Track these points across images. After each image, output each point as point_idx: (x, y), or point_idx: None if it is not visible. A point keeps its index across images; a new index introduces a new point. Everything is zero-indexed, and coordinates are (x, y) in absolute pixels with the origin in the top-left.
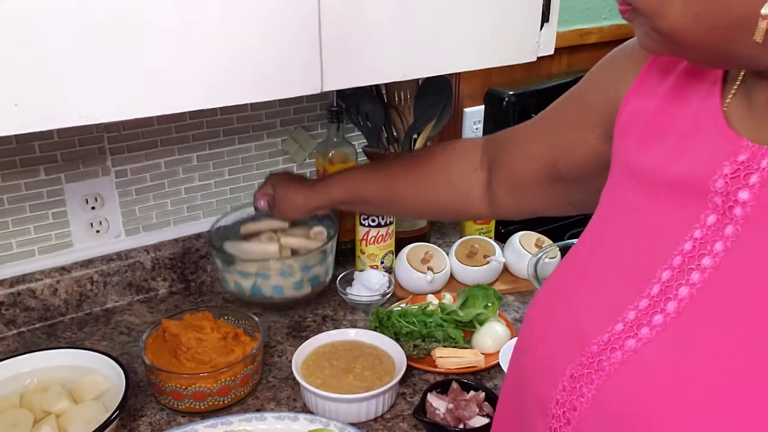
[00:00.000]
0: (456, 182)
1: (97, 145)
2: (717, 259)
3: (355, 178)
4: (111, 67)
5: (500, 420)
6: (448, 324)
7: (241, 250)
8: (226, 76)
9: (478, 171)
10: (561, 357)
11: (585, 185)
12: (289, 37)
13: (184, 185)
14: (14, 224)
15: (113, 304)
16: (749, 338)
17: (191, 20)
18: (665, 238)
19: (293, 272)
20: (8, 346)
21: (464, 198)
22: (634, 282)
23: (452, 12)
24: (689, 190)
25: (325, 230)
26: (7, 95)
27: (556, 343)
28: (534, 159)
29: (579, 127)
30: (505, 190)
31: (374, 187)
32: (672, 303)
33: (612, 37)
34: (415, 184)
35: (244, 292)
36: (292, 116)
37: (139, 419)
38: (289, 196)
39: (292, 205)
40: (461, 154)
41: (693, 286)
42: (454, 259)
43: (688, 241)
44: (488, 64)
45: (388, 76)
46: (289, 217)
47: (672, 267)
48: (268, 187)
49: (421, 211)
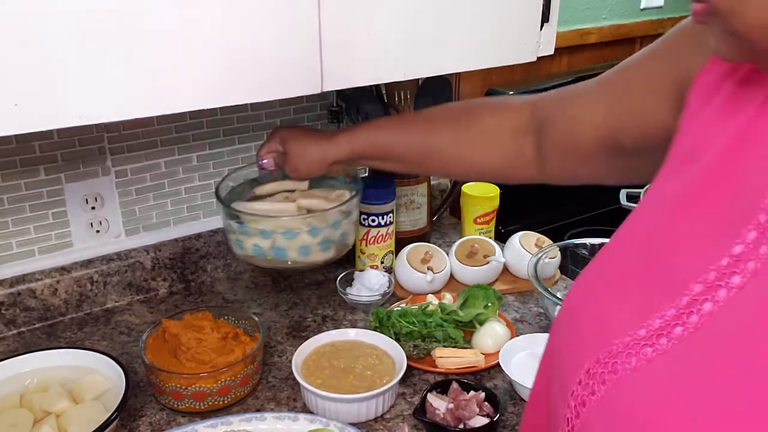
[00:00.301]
0: (505, 144)
1: (97, 145)
2: (745, 279)
3: (386, 130)
4: (111, 67)
5: (535, 391)
6: (448, 324)
7: (254, 210)
8: (226, 76)
9: (529, 134)
10: (585, 349)
11: (647, 158)
12: (290, 37)
13: (184, 185)
14: (14, 224)
15: (113, 304)
16: (759, 365)
17: (191, 20)
18: (707, 249)
19: (322, 229)
20: (8, 346)
21: (513, 161)
22: (667, 289)
23: (452, 12)
24: (738, 201)
25: (347, 192)
26: (7, 95)
27: (585, 333)
28: (594, 127)
29: (650, 96)
30: (558, 155)
31: (408, 142)
32: (694, 317)
33: (612, 37)
34: (459, 144)
35: (265, 255)
36: (292, 116)
37: (139, 419)
38: (304, 149)
39: (308, 160)
40: (511, 114)
41: (716, 303)
42: (454, 259)
43: (726, 257)
44: (488, 64)
45: (388, 76)
46: (302, 173)
47: (705, 281)
48: (274, 143)
49: (465, 172)
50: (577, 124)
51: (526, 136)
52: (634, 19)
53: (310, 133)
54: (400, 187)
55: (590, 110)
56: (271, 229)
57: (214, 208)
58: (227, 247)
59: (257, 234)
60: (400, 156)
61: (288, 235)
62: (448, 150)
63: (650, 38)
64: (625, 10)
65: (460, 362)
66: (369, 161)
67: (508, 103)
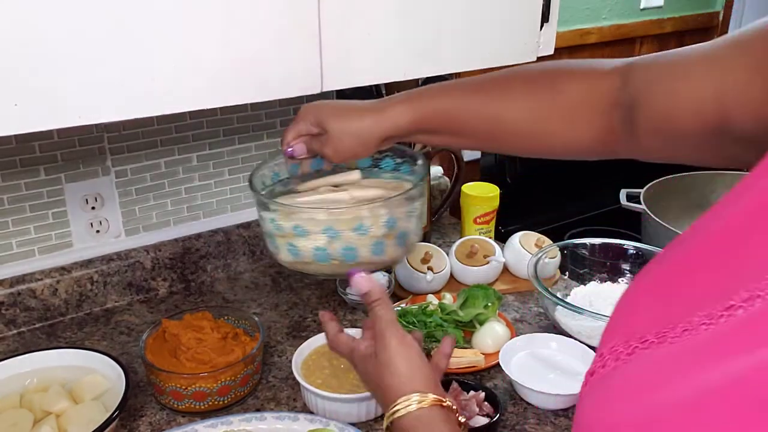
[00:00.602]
0: (594, 118)
1: (97, 145)
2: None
3: (455, 95)
4: (111, 67)
5: None
6: (448, 324)
7: (309, 203)
8: (226, 76)
9: (620, 106)
10: (619, 327)
11: (758, 147)
12: (289, 38)
13: (184, 185)
14: (14, 224)
15: (113, 304)
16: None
17: (191, 20)
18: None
19: (373, 224)
20: (8, 346)
21: (603, 137)
22: (722, 289)
23: (452, 12)
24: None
25: (407, 176)
26: (7, 95)
27: (626, 312)
28: (698, 104)
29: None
30: (653, 132)
31: (477, 112)
32: (723, 319)
33: (612, 37)
34: (541, 117)
35: (329, 258)
36: (292, 116)
37: (139, 419)
38: (347, 125)
39: (355, 137)
40: (600, 82)
41: (749, 310)
42: (454, 259)
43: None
44: (488, 64)
45: (388, 76)
46: (348, 155)
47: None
48: (304, 123)
49: (546, 149)
50: (678, 99)
51: (617, 108)
52: (634, 19)
53: (351, 105)
54: None
55: (696, 85)
56: (340, 225)
57: (214, 208)
58: (227, 247)
59: (320, 233)
60: (466, 131)
61: (361, 231)
62: (526, 127)
63: (650, 38)
64: (625, 10)
65: (460, 362)
66: (431, 136)
67: (596, 70)
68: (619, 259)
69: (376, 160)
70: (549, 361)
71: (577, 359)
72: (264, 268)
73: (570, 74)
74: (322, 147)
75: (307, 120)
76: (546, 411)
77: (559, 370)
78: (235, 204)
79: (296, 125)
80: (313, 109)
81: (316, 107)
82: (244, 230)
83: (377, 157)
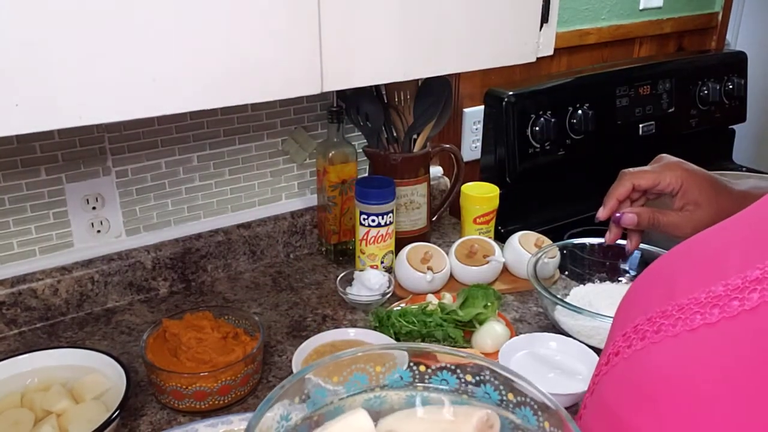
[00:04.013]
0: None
1: (97, 145)
2: None
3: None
4: (112, 67)
5: None
6: (448, 324)
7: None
8: (226, 77)
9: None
10: (644, 306)
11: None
12: (289, 38)
13: (184, 185)
14: (15, 224)
15: (114, 303)
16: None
17: (191, 20)
18: None
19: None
20: (9, 346)
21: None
22: (743, 263)
23: (452, 12)
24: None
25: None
26: (8, 95)
27: (651, 292)
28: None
29: None
30: None
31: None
32: (755, 294)
33: (611, 37)
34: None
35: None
36: (292, 116)
37: (140, 418)
38: (716, 203)
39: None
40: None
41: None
42: (454, 258)
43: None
44: (488, 65)
45: (388, 76)
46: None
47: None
48: (620, 188)
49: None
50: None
51: None
52: (634, 19)
53: (713, 178)
54: (400, 187)
55: None
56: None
57: (214, 208)
58: (227, 247)
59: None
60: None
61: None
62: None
63: (649, 38)
64: (625, 11)
65: None
66: None
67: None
68: (618, 259)
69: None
70: (548, 361)
71: (577, 359)
72: (264, 268)
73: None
74: (657, 224)
75: (650, 178)
76: None
77: (559, 370)
78: (235, 204)
79: (623, 184)
80: (673, 168)
81: (675, 167)
82: (245, 230)
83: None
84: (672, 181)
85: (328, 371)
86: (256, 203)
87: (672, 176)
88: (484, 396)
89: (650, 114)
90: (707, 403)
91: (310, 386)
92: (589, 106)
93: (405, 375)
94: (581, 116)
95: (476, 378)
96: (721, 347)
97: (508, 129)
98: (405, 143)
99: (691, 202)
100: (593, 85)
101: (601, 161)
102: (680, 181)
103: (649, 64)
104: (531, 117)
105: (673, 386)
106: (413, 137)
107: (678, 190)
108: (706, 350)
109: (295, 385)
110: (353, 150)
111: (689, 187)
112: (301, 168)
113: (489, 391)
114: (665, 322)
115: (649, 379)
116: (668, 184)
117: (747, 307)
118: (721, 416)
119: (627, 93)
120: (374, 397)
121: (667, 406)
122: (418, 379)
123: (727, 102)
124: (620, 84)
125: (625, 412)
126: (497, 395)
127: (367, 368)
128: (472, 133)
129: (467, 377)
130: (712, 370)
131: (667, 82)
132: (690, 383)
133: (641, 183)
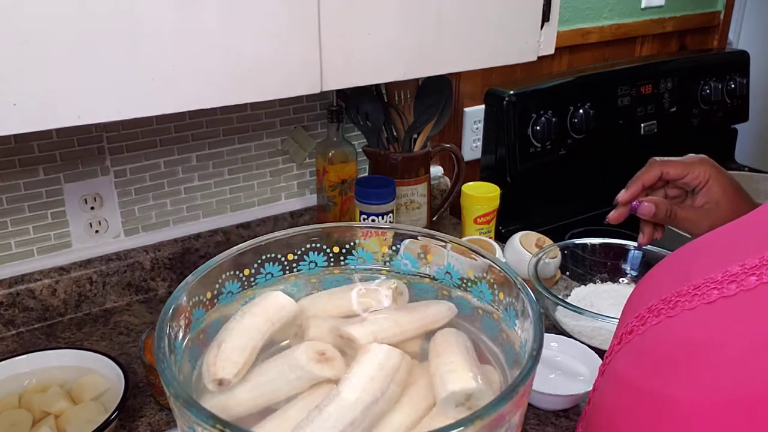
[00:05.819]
0: None
1: (96, 145)
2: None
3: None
4: (110, 67)
5: None
6: None
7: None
8: (225, 76)
9: None
10: (651, 292)
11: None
12: (289, 37)
13: (183, 185)
14: (13, 224)
15: (112, 304)
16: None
17: (191, 20)
18: None
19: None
20: (7, 347)
21: None
22: (757, 240)
23: (452, 12)
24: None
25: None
26: (5, 95)
27: (663, 277)
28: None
29: None
30: None
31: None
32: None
33: (612, 36)
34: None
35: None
36: (292, 116)
37: (138, 419)
38: (736, 204)
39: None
40: None
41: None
42: None
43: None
44: (488, 64)
45: (388, 76)
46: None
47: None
48: (649, 174)
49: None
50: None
51: None
52: (635, 18)
53: (737, 182)
54: (400, 187)
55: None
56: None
57: (214, 208)
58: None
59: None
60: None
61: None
62: None
63: (651, 38)
64: (626, 10)
65: None
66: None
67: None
68: (619, 260)
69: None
70: (549, 362)
71: (578, 360)
72: None
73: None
74: (674, 218)
75: (671, 168)
76: (546, 412)
77: (560, 371)
78: (234, 204)
79: (648, 172)
80: (701, 164)
81: (702, 162)
82: (244, 230)
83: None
84: (700, 175)
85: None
86: (256, 203)
87: (701, 170)
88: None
89: (652, 113)
90: (731, 364)
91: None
92: (590, 105)
93: (319, 260)
94: (582, 116)
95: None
96: (740, 315)
97: (509, 128)
98: (405, 143)
99: (712, 201)
100: (594, 85)
101: (603, 161)
102: (708, 176)
103: (651, 63)
104: (532, 116)
105: (694, 349)
106: (413, 137)
107: (703, 186)
108: (725, 318)
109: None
110: (353, 150)
111: (714, 184)
112: (301, 168)
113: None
114: (681, 299)
115: (667, 346)
116: (696, 176)
117: (765, 280)
118: (743, 371)
119: (628, 92)
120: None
121: (687, 367)
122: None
123: (729, 101)
124: (622, 83)
125: (643, 381)
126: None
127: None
128: (473, 132)
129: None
130: (732, 333)
131: (668, 82)
132: (710, 345)
133: (670, 171)
